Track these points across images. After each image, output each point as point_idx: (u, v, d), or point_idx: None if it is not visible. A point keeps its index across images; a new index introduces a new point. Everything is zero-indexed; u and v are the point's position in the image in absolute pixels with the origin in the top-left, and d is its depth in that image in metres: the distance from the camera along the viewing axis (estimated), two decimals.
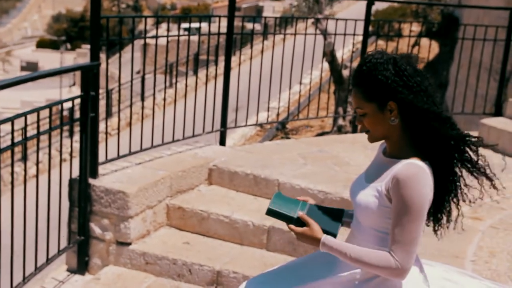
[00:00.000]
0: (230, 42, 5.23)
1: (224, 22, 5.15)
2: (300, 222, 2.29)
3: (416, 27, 19.07)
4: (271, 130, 15.34)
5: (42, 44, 63.55)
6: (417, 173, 2.13)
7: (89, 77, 4.01)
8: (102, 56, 4.49)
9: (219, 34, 5.22)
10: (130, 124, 4.58)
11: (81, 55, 47.53)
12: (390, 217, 2.17)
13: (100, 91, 4.17)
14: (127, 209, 4.15)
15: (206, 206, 4.44)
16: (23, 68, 51.88)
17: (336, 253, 2.23)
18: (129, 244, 4.22)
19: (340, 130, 12.18)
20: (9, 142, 3.42)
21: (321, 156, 5.33)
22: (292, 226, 2.28)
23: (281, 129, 15.16)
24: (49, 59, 52.05)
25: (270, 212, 2.31)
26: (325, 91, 14.03)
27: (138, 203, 4.21)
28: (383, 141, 2.32)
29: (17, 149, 3.60)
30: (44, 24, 74.51)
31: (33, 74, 3.59)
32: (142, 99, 4.58)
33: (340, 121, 12.48)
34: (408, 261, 2.13)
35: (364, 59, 2.20)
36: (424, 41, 16.33)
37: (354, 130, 7.14)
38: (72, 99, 3.97)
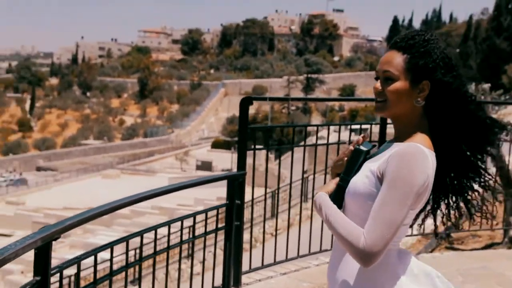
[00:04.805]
0: None
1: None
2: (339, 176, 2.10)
3: None
4: (434, 239, 14.50)
5: (216, 144, 67.56)
6: (415, 153, 1.92)
7: (235, 186, 4.06)
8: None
9: None
10: (276, 231, 4.53)
11: (249, 156, 49.52)
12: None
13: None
14: None
15: None
16: (198, 167, 55.09)
17: (320, 213, 2.02)
18: None
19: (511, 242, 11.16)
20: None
21: (484, 274, 4.85)
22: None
23: (445, 238, 14.28)
24: (221, 159, 54.93)
25: (360, 152, 2.09)
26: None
27: None
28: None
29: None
30: (220, 125, 79.57)
31: (181, 183, 3.70)
32: (289, 208, 4.53)
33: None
34: (377, 245, 1.83)
35: (419, 31, 2.08)
36: None
37: None
38: (218, 207, 4.02)
